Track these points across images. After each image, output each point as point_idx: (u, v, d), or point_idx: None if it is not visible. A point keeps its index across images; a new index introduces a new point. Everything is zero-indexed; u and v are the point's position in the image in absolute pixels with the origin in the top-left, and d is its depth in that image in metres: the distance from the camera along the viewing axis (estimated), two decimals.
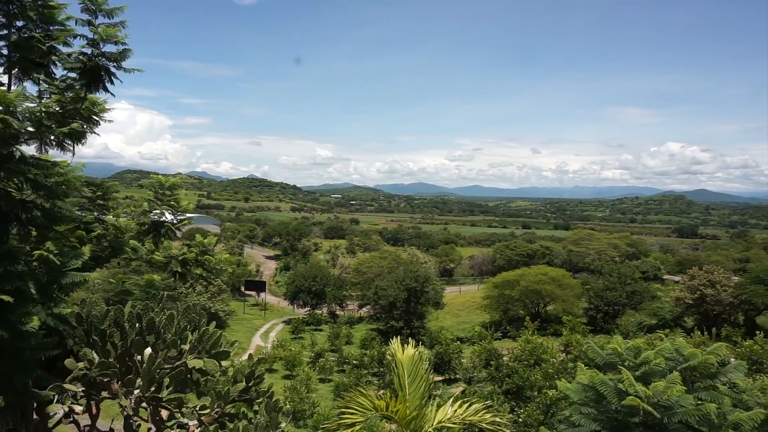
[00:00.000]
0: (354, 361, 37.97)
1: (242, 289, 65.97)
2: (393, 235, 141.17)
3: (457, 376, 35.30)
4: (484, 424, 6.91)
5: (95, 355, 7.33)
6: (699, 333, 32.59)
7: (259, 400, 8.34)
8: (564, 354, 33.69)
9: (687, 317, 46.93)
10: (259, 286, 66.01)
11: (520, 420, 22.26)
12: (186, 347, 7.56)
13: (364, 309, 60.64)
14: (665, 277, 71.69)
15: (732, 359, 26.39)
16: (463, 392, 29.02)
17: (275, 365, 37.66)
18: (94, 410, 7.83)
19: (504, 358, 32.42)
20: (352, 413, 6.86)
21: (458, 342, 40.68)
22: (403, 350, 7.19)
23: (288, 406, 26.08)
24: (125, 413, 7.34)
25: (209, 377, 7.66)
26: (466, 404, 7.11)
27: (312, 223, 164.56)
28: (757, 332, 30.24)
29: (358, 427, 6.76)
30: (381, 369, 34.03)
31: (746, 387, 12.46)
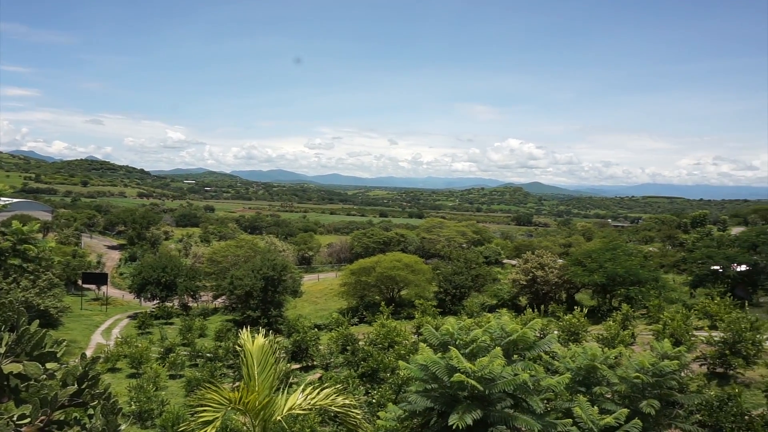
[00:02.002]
0: (208, 354, 36.46)
1: (80, 282, 59.74)
2: (251, 223, 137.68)
3: (315, 362, 35.57)
4: (334, 408, 7.09)
5: None
6: (530, 310, 36.43)
7: (94, 404, 7.64)
8: (416, 336, 35.61)
9: (522, 297, 52.11)
10: (100, 279, 60.27)
11: (374, 401, 23.12)
12: (0, 350, 6.68)
13: (219, 299, 58.46)
14: (504, 261, 78.77)
15: (555, 331, 29.96)
16: (320, 378, 29.35)
17: (119, 364, 34.90)
18: None
19: (360, 343, 33.38)
20: (207, 410, 6.61)
21: (316, 329, 40.97)
22: (253, 340, 7.09)
23: (132, 407, 24.34)
24: None
25: (31, 383, 6.83)
26: (318, 390, 7.23)
27: (162, 210, 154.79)
28: (576, 307, 34.67)
29: (217, 423, 6.54)
30: (236, 361, 33.04)
31: (563, 355, 14.30)
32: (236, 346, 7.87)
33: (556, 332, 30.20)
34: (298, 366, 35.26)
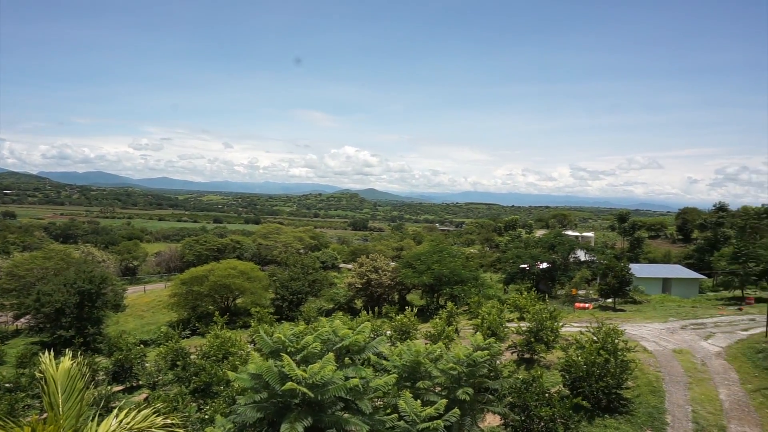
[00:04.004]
0: (7, 385, 31.54)
1: None
2: (63, 231, 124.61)
3: (141, 382, 32.93)
4: (154, 430, 6.68)
5: None
6: (365, 312, 37.76)
7: None
8: (252, 345, 34.77)
9: (357, 299, 53.74)
10: None
11: (207, 417, 22.08)
12: None
13: (21, 320, 51.15)
14: (341, 265, 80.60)
15: (388, 331, 31.47)
16: (146, 399, 27.21)
17: None
18: None
19: (192, 357, 31.68)
20: None
21: (142, 345, 37.87)
22: (58, 364, 6.38)
23: None
24: None
25: None
26: (136, 411, 6.77)
27: None
28: (407, 307, 36.76)
29: None
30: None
31: (389, 354, 15.16)
32: (36, 373, 7.03)
33: (389, 332, 31.71)
34: (120, 387, 32.35)
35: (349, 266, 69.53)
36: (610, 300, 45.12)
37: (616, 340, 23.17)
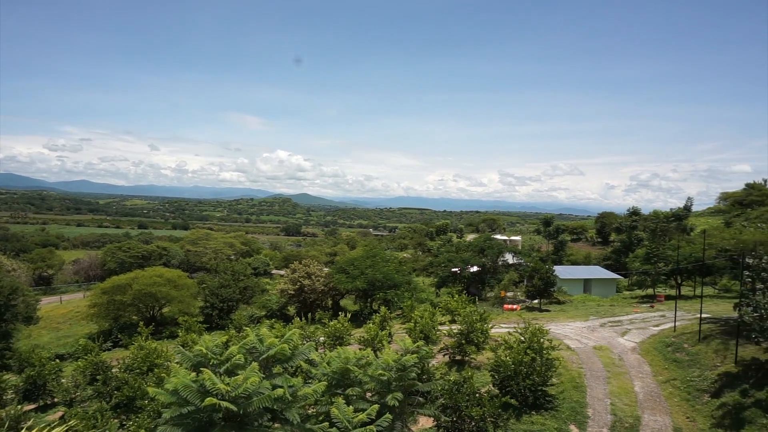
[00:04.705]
0: None
1: None
2: None
3: (56, 399, 30.90)
4: None
5: None
6: (298, 319, 37.29)
7: None
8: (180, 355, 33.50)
9: (290, 306, 52.96)
10: None
11: None
12: None
13: None
14: (273, 271, 79.22)
15: (322, 337, 31.22)
16: (62, 417, 25.56)
17: None
18: None
19: (114, 370, 30.12)
20: None
21: (57, 360, 35.55)
22: None
23: None
24: None
25: None
26: (47, 431, 6.33)
27: None
28: (340, 312, 36.63)
29: None
30: None
31: (319, 361, 15.06)
32: None
33: (322, 338, 31.47)
34: (32, 406, 30.21)
35: (282, 272, 68.45)
36: (536, 301, 46.93)
37: (542, 340, 24.18)
